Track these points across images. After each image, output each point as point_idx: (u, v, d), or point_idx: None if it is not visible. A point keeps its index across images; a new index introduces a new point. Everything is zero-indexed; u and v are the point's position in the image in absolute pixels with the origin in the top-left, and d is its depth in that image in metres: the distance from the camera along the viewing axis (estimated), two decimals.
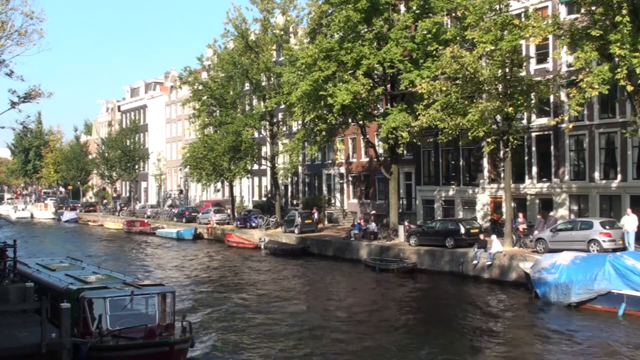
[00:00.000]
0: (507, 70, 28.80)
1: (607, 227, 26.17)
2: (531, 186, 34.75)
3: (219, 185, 59.51)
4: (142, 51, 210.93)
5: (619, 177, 30.90)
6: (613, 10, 23.69)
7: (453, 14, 33.68)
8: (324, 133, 36.71)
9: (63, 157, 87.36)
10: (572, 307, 22.30)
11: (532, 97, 30.01)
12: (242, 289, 28.73)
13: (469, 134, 29.22)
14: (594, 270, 22.04)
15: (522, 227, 30.63)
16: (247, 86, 49.85)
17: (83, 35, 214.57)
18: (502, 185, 33.82)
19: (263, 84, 46.93)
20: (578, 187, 32.72)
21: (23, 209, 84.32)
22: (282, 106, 45.85)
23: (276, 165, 49.14)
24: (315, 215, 44.11)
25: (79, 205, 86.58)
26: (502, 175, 33.92)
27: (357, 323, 21.61)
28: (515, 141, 29.56)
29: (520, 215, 31.71)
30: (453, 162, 39.73)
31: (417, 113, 31.27)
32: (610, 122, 31.32)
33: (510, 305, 24.11)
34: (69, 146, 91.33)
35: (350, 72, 34.06)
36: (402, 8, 36.81)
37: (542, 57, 33.53)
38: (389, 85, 36.66)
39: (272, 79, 46.60)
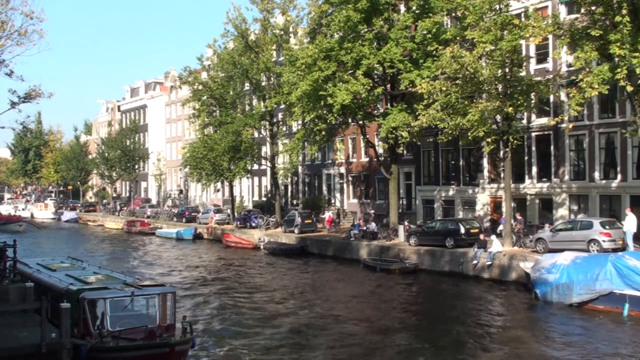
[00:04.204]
0: (507, 70, 28.81)
1: (607, 227, 26.16)
2: (531, 186, 34.76)
3: (219, 185, 59.50)
4: (142, 51, 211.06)
5: (619, 177, 30.91)
6: (613, 10, 23.69)
7: (453, 14, 33.68)
8: (324, 133, 36.73)
9: (63, 157, 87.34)
10: (573, 307, 22.29)
11: (532, 97, 30.03)
12: (242, 289, 28.73)
13: (469, 134, 29.22)
14: (595, 270, 22.02)
15: (517, 226, 30.73)
16: (247, 86, 49.86)
17: (83, 35, 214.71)
18: (502, 185, 33.82)
19: (263, 84, 46.93)
20: (578, 187, 32.72)
21: (23, 209, 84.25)
22: (282, 106, 45.88)
23: (276, 165, 49.14)
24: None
25: (79, 205, 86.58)
26: (502, 175, 33.93)
27: (358, 324, 21.60)
28: (515, 141, 29.57)
29: (518, 215, 31.76)
30: (453, 162, 39.74)
31: (417, 113, 31.28)
32: (610, 122, 31.33)
33: (511, 305, 24.12)
34: (69, 146, 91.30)
35: (350, 72, 34.07)
36: (402, 8, 36.82)
37: (542, 57, 33.54)
38: (389, 85, 36.67)
39: (272, 79, 46.61)
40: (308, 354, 17.97)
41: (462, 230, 31.21)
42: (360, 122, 37.68)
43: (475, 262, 28.96)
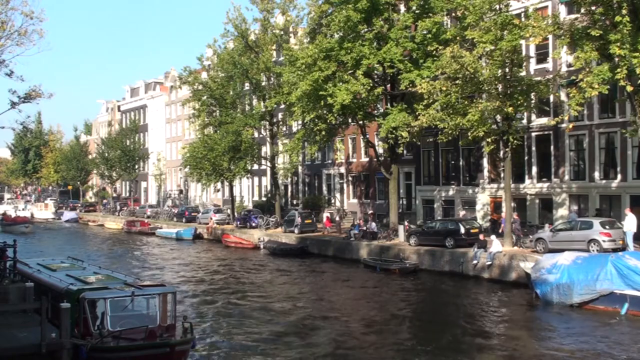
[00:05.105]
0: (507, 70, 28.80)
1: (607, 227, 26.15)
2: (531, 186, 34.76)
3: (219, 185, 59.51)
4: (142, 51, 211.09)
5: (619, 177, 30.91)
6: (613, 10, 23.69)
7: (453, 14, 33.68)
8: (324, 133, 36.70)
9: (63, 157, 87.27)
10: (574, 307, 22.27)
11: (532, 97, 30.02)
12: (243, 289, 28.72)
13: (469, 134, 29.21)
14: (596, 271, 22.01)
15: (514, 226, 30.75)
16: (247, 86, 49.85)
17: (83, 35, 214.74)
18: (502, 185, 33.81)
19: (263, 84, 46.92)
20: (578, 187, 32.72)
21: (23, 209, 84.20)
22: (282, 106, 45.86)
23: (276, 165, 49.14)
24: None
25: (79, 205, 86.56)
26: (502, 175, 33.92)
27: (358, 324, 21.61)
28: (515, 141, 29.55)
29: (515, 215, 31.73)
30: (453, 162, 39.73)
31: (417, 113, 31.29)
32: (610, 122, 31.33)
33: (511, 305, 24.10)
34: (69, 146, 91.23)
35: (350, 72, 34.06)
36: (402, 8, 36.81)
37: (542, 57, 33.54)
38: (389, 85, 36.66)
39: (272, 79, 46.61)
40: (308, 354, 17.95)
41: (462, 230, 31.20)
42: (360, 122, 37.66)
43: (475, 262, 28.95)
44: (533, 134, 34.51)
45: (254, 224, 47.94)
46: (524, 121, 33.83)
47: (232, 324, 21.56)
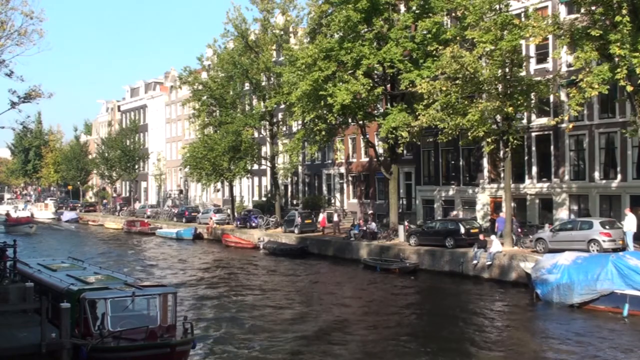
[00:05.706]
0: (507, 70, 28.80)
1: (607, 227, 26.15)
2: (531, 186, 34.76)
3: (219, 185, 59.52)
4: (142, 51, 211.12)
5: (619, 177, 30.91)
6: (613, 10, 23.68)
7: (453, 14, 33.69)
8: (323, 133, 36.70)
9: (63, 157, 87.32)
10: (574, 307, 22.26)
11: (532, 97, 30.03)
12: (243, 289, 28.71)
13: (469, 134, 29.21)
14: (596, 271, 22.00)
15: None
16: (247, 86, 49.86)
17: (83, 35, 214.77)
18: (502, 185, 33.81)
19: (263, 84, 46.93)
20: (578, 187, 32.73)
21: (23, 209, 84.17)
22: (282, 106, 45.88)
23: (276, 165, 49.15)
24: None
25: (79, 205, 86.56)
26: (502, 175, 33.93)
27: (357, 323, 21.61)
28: (515, 141, 29.55)
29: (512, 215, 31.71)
30: (453, 162, 39.73)
31: (417, 113, 31.29)
32: (610, 122, 31.33)
33: (511, 305, 24.11)
34: (69, 146, 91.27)
35: (350, 72, 34.06)
36: (402, 8, 36.81)
37: (542, 57, 33.54)
38: (389, 85, 36.67)
39: (272, 79, 46.61)
40: (308, 354, 17.96)
41: (462, 230, 31.19)
42: (360, 122, 37.66)
43: (475, 262, 28.95)
44: (533, 134, 34.51)
45: (254, 224, 47.94)
46: (524, 121, 33.83)
47: (232, 325, 21.55)
